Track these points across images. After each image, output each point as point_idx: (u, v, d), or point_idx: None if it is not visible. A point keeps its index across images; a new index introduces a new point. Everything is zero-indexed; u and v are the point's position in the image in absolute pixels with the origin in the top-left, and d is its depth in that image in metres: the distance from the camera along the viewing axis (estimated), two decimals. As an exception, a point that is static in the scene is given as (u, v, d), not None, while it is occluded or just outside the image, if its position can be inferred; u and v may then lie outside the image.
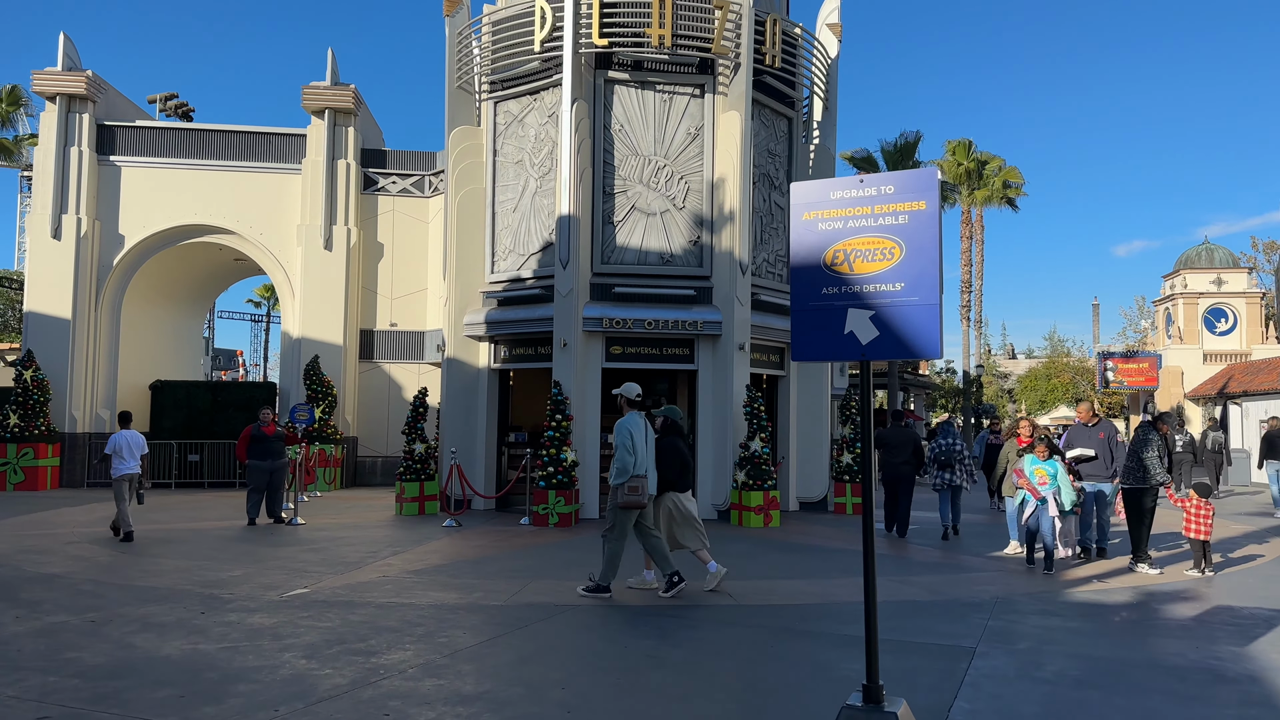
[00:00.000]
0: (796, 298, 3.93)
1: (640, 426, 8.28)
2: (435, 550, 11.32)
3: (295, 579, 9.22)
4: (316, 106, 22.55)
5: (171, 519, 14.95)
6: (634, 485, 8.06)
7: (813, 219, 3.96)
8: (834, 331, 3.85)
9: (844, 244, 3.87)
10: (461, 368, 16.23)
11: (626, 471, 8.07)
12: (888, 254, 3.79)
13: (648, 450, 8.28)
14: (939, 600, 8.41)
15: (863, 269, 3.84)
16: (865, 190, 3.86)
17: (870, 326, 3.78)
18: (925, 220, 3.74)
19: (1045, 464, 10.25)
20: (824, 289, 3.87)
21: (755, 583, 9.17)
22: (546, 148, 15.60)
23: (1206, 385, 44.16)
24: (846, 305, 3.81)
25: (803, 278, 3.93)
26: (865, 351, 3.82)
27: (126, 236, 22.37)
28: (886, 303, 3.78)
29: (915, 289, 3.73)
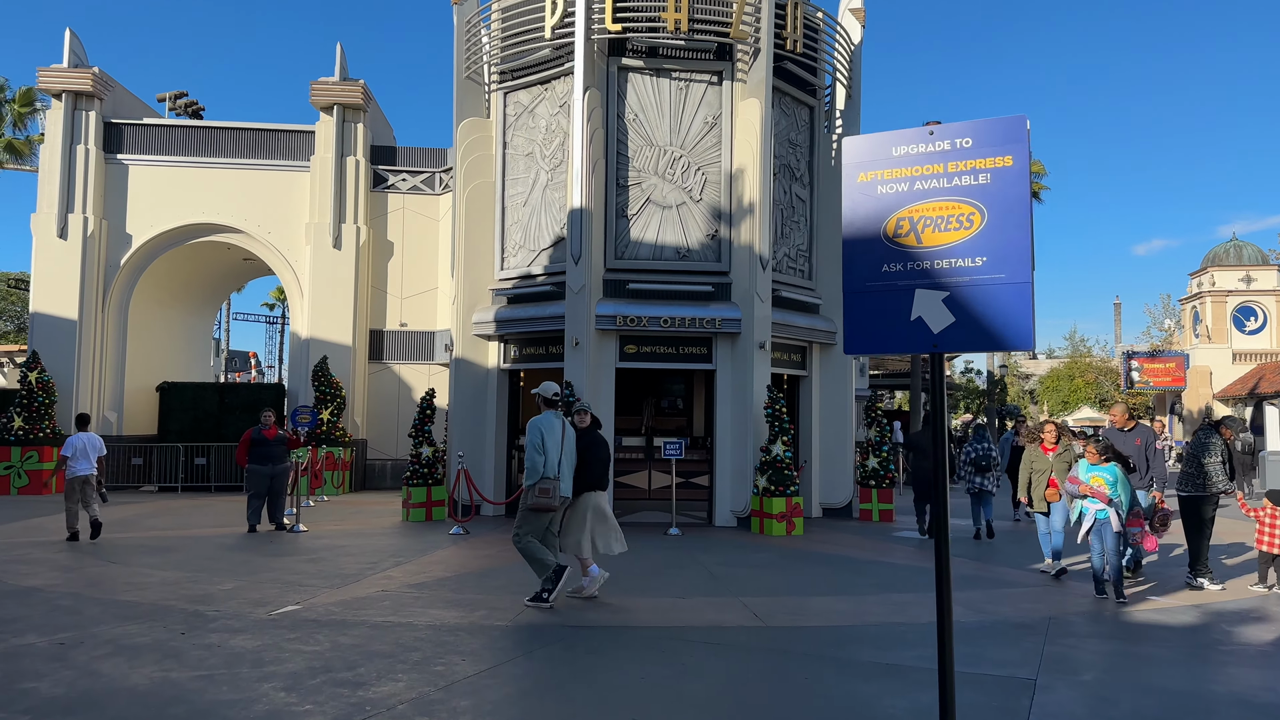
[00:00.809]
0: (851, 277, 3.26)
1: (554, 426, 7.99)
2: (440, 561, 10.69)
3: (288, 593, 8.61)
4: (325, 102, 22.03)
5: (172, 524, 14.42)
6: (544, 487, 7.83)
7: (869, 181, 3.28)
8: (897, 318, 3.18)
9: (910, 210, 3.20)
10: (470, 368, 15.61)
11: (536, 472, 7.82)
12: (965, 221, 3.12)
13: (564, 451, 7.99)
14: (985, 621, 7.69)
15: (934, 240, 3.16)
16: (936, 144, 3.19)
17: (944, 311, 3.11)
18: (1013, 179, 3.06)
19: (1102, 470, 8.78)
20: (885, 266, 3.20)
21: (782, 600, 8.48)
22: (558, 139, 14.96)
23: (1236, 385, 43.08)
24: (913, 285, 3.14)
25: (858, 253, 3.25)
26: (938, 342, 3.15)
27: (134, 236, 21.93)
28: (965, 281, 3.10)
29: (1001, 263, 3.06)
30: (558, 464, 7.90)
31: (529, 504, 7.90)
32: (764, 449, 13.75)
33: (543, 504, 7.85)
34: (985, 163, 3.11)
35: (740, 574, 9.89)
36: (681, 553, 11.55)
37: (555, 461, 7.87)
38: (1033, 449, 10.69)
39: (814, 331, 15.87)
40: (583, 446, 8.32)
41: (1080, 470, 8.99)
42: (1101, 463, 8.85)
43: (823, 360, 16.39)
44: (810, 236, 16.35)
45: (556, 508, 7.94)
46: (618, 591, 8.83)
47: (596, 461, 8.36)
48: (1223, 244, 47.11)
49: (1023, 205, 3.05)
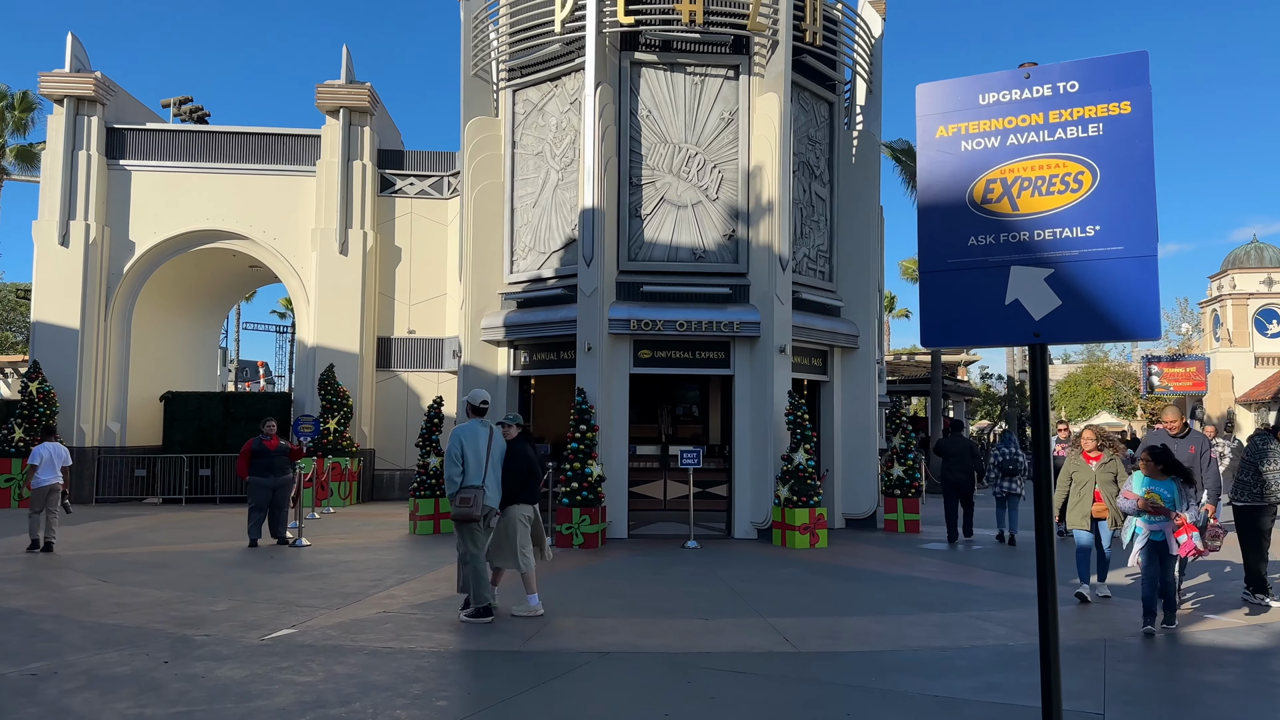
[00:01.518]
0: (929, 253, 2.70)
1: (476, 435, 7.84)
2: (446, 577, 10.10)
3: (284, 615, 8.07)
4: (331, 105, 21.61)
5: (171, 539, 13.94)
6: (465, 497, 7.67)
7: (951, 136, 2.72)
8: (987, 302, 2.62)
9: (1002, 170, 2.65)
10: (479, 374, 15.08)
11: (454, 483, 7.71)
12: (1073, 182, 2.57)
13: (490, 461, 7.82)
14: (1035, 644, 7.05)
15: (1034, 206, 2.61)
16: (1034, 89, 2.63)
17: (1046, 293, 2.55)
18: (1132, 130, 2.50)
19: (1159, 485, 7.62)
20: (971, 239, 2.65)
21: (813, 621, 7.89)
22: (568, 137, 14.45)
23: (1259, 389, 42.19)
24: (1008, 261, 2.59)
25: (937, 224, 2.69)
26: (1040, 330, 2.59)
27: (137, 243, 21.53)
28: (1073, 255, 2.54)
29: (1118, 233, 2.50)
30: (481, 474, 7.74)
31: (452, 514, 7.77)
32: (785, 457, 13.17)
33: (464, 514, 7.67)
34: (1096, 110, 2.55)
35: (765, 591, 9.31)
36: (701, 568, 10.97)
37: (477, 471, 7.73)
38: (1073, 458, 9.24)
39: (835, 335, 15.29)
40: (507, 459, 8.10)
41: (1135, 484, 7.86)
42: (1159, 476, 7.66)
43: (844, 365, 15.80)
44: (830, 236, 15.77)
45: (478, 518, 7.71)
46: (637, 611, 8.26)
47: (514, 474, 8.04)
48: (1243, 246, 46.25)
49: (1145, 162, 2.49)
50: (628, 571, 10.70)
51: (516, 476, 8.00)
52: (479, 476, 7.72)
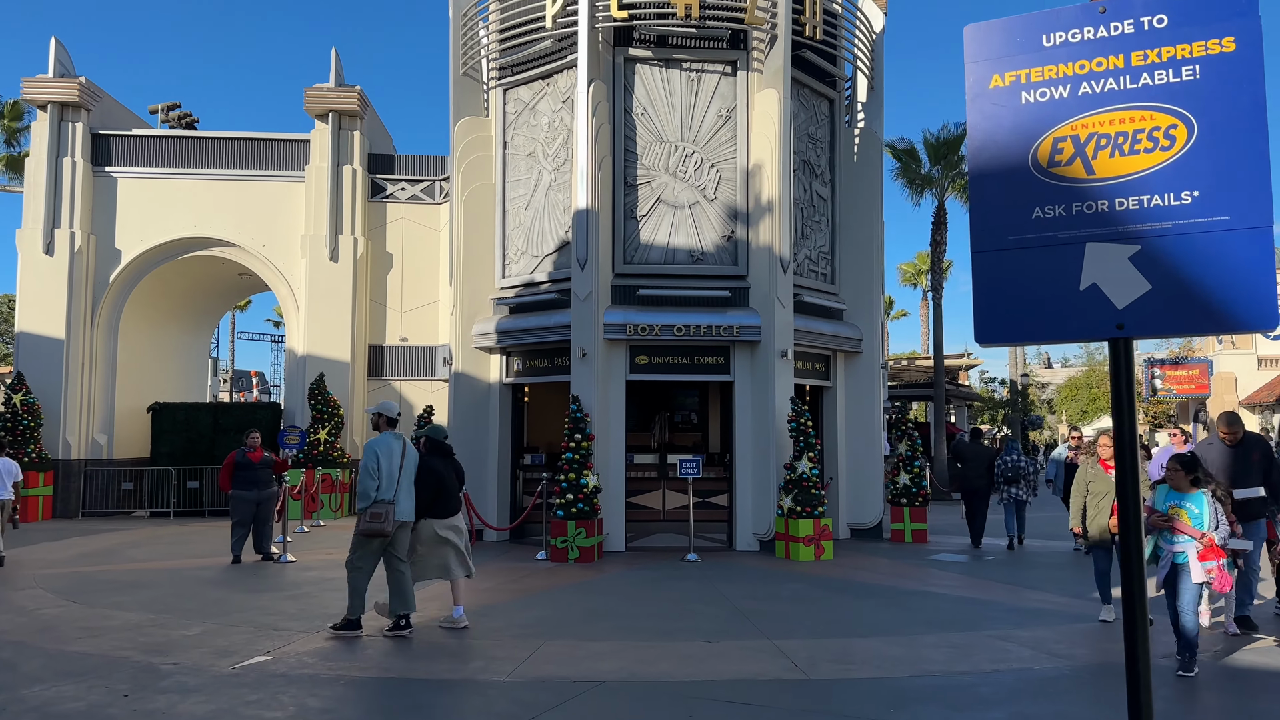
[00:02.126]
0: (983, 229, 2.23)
1: (391, 448, 7.75)
2: (434, 596, 9.61)
3: (259, 640, 7.58)
4: (320, 109, 21.16)
5: (153, 555, 13.45)
6: (376, 512, 7.54)
7: (1008, 86, 2.26)
8: (1057, 287, 2.16)
9: (1074, 125, 2.19)
10: (470, 383, 14.60)
11: (368, 496, 7.58)
12: (1163, 138, 2.11)
13: (403, 474, 7.74)
14: (1065, 668, 6.60)
15: (1114, 168, 2.15)
16: (1112, 26, 2.16)
17: (1133, 275, 2.09)
18: (1237, 71, 2.03)
19: (1188, 499, 6.61)
20: (1036, 210, 2.19)
21: (823, 643, 7.40)
22: (561, 136, 14.00)
23: (1263, 392, 41.78)
24: (1083, 237, 2.13)
25: (993, 193, 2.23)
26: (1125, 321, 2.12)
27: (123, 251, 21.07)
28: (1165, 228, 2.08)
29: (1223, 200, 2.04)
30: (395, 487, 7.64)
31: (360, 528, 7.66)
32: (788, 466, 12.69)
33: (374, 529, 7.55)
34: (1191, 49, 2.09)
35: (770, 610, 8.82)
36: (702, 583, 10.48)
37: (391, 485, 7.62)
38: (1089, 466, 8.29)
39: (838, 339, 14.82)
40: (420, 471, 8.02)
41: (1157, 498, 6.84)
42: (1186, 489, 6.64)
43: (848, 370, 15.33)
44: (833, 237, 15.32)
45: (389, 533, 7.58)
46: (635, 633, 7.77)
47: (424, 487, 7.98)
48: (1246, 246, 45.90)
49: (1254, 110, 2.02)
50: (625, 588, 10.21)
51: (427, 490, 7.95)
52: (391, 490, 7.62)
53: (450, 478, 8.25)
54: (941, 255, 26.34)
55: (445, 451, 8.43)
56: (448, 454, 8.45)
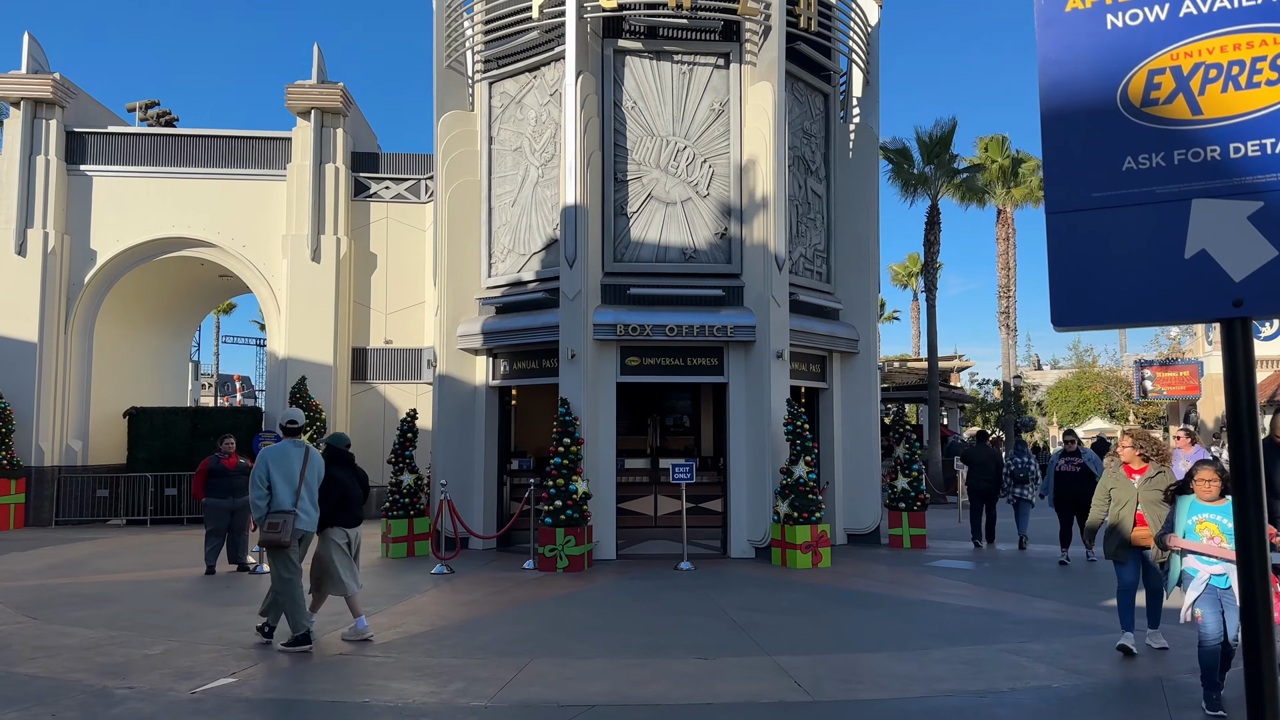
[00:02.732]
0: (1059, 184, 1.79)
1: (288, 457, 7.65)
2: (416, 610, 9.17)
3: (225, 660, 7.09)
4: (302, 107, 20.67)
5: (124, 566, 12.93)
6: (273, 522, 7.45)
7: (1090, 8, 1.83)
8: (1156, 254, 1.73)
9: (1175, 53, 1.76)
10: (455, 385, 14.12)
11: (259, 508, 7.52)
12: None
13: (305, 484, 7.64)
14: (1085, 685, 6.17)
15: (1228, 106, 1.72)
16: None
17: (1254, 238, 1.66)
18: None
19: (1216, 510, 5.75)
20: (1126, 160, 1.76)
21: (827, 659, 6.96)
22: (549, 131, 13.55)
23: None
24: (1188, 192, 1.71)
25: (1071, 139, 1.80)
26: (1243, 296, 1.69)
27: (99, 252, 20.51)
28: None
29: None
30: (293, 498, 7.52)
31: (259, 540, 7.62)
32: (784, 470, 12.26)
33: (272, 539, 7.43)
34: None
35: (769, 622, 8.38)
36: (697, 594, 10.03)
37: (288, 495, 7.51)
38: (1113, 470, 7.46)
39: (834, 339, 14.41)
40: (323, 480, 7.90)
41: (1179, 511, 5.93)
42: (1217, 499, 5.77)
43: (844, 371, 14.93)
44: (828, 235, 14.91)
45: (287, 543, 7.44)
46: (626, 650, 7.32)
47: (326, 497, 7.86)
48: (1236, 247, 45.85)
49: None
50: (616, 599, 9.76)
51: (330, 500, 7.83)
52: (289, 500, 7.50)
53: (354, 487, 8.14)
54: (935, 256, 26.01)
55: (347, 460, 8.30)
56: (350, 462, 8.32)
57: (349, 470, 8.17)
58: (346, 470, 8.13)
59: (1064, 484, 12.38)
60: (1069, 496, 12.23)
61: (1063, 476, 12.43)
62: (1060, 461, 12.61)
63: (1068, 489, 12.25)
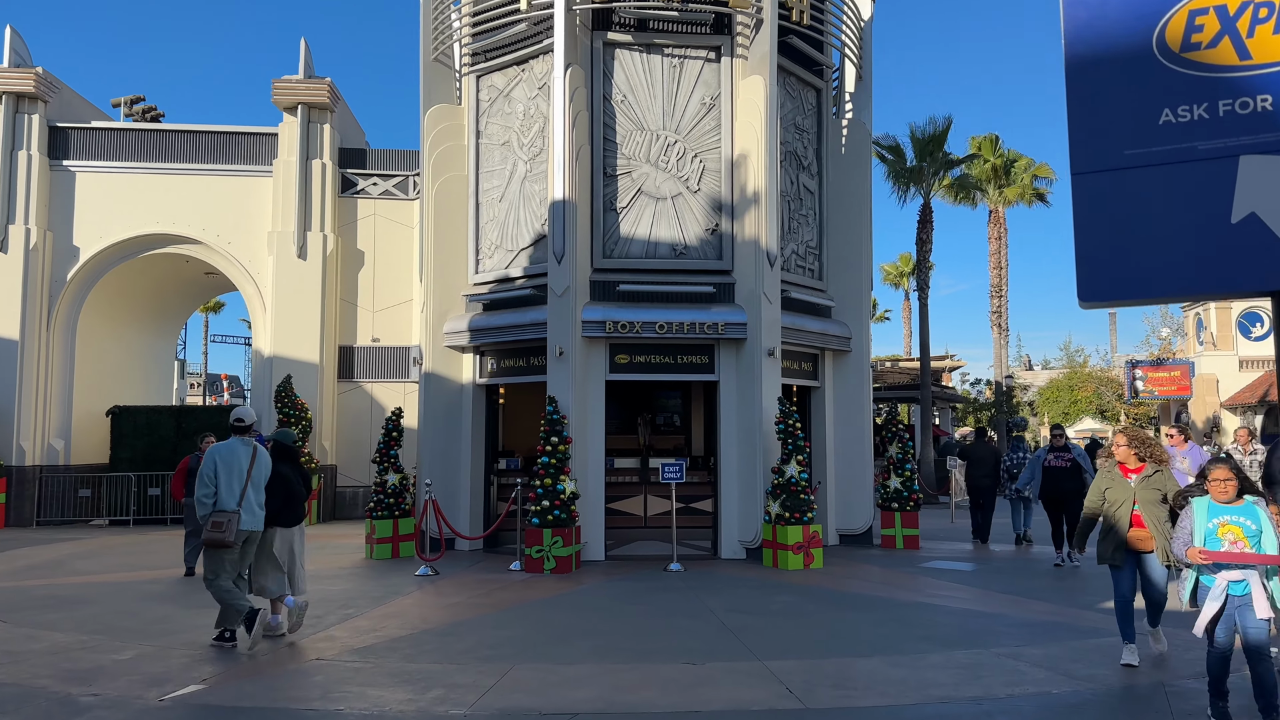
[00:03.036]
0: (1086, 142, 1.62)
1: (235, 455, 7.55)
2: (398, 613, 8.93)
3: (197, 665, 6.86)
4: (289, 101, 20.40)
5: (104, 567, 12.67)
6: (217, 521, 7.35)
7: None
8: (1199, 217, 1.49)
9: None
10: (442, 384, 13.87)
11: (205, 505, 7.39)
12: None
13: (251, 483, 7.53)
14: (1085, 691, 5.98)
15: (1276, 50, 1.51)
16: None
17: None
18: None
19: (1235, 512, 5.27)
20: (1164, 112, 1.70)
21: (819, 664, 6.75)
22: (537, 125, 13.32)
23: (1244, 393, 41.68)
24: (1235, 148, 1.53)
25: (1101, 91, 1.65)
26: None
27: (81, 248, 20.22)
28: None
29: None
30: (237, 496, 7.42)
31: (202, 538, 7.47)
32: (776, 470, 12.06)
33: (215, 539, 7.33)
34: None
35: (760, 625, 8.17)
36: (686, 595, 9.82)
37: (234, 493, 7.41)
38: (1108, 470, 6.97)
39: (826, 337, 14.22)
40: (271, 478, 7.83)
41: (1197, 516, 5.38)
42: (1234, 499, 5.31)
43: (836, 369, 14.73)
44: (820, 232, 14.72)
45: (231, 543, 7.35)
46: (613, 654, 7.10)
47: (273, 495, 7.81)
48: (1227, 248, 45.91)
49: None
50: (604, 602, 9.54)
51: (276, 497, 7.77)
52: (234, 499, 7.40)
53: (298, 485, 8.10)
54: (927, 254, 25.87)
55: (294, 456, 8.25)
56: (296, 459, 8.27)
57: (295, 468, 8.13)
58: (293, 467, 8.09)
59: (1052, 480, 12.14)
60: (1056, 493, 12.06)
61: (1051, 472, 12.16)
62: (1049, 456, 12.26)
63: (1056, 485, 12.05)
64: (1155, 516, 6.54)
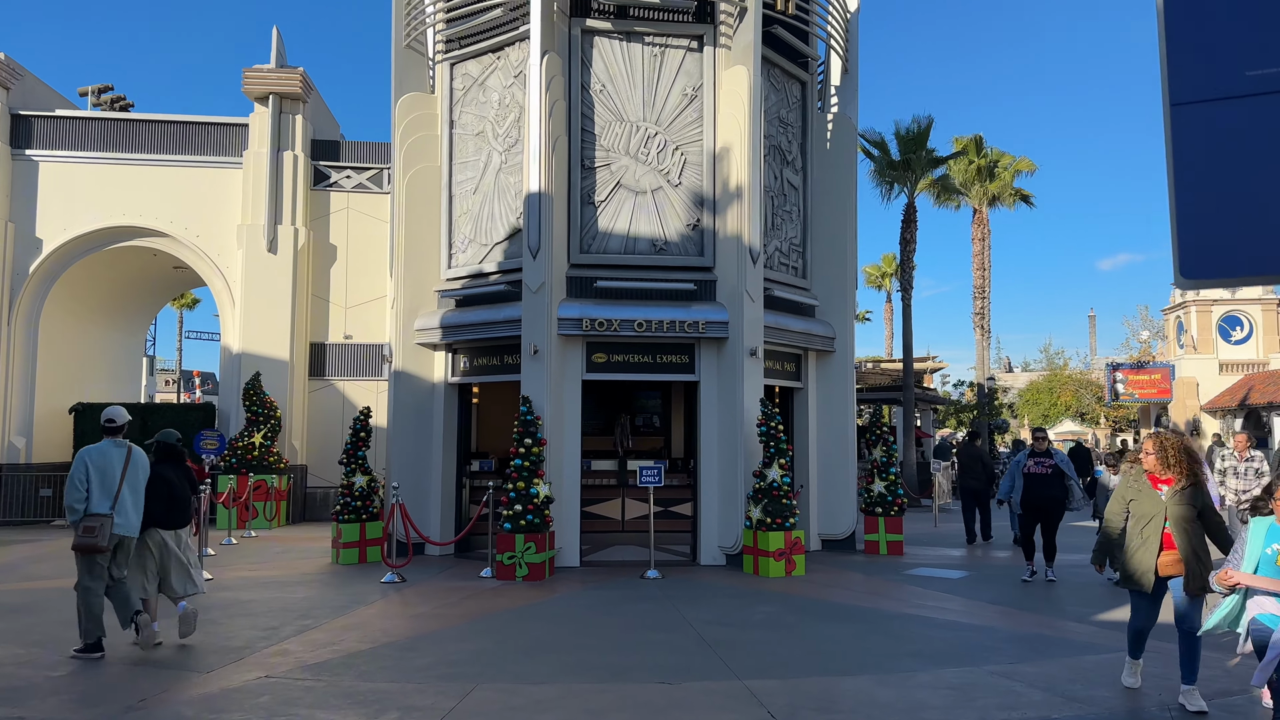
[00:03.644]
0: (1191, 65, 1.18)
1: (107, 457, 7.33)
2: (358, 624, 8.46)
3: (134, 683, 6.37)
4: (260, 92, 19.85)
5: (57, 572, 12.04)
6: (88, 525, 7.12)
7: None
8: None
9: None
10: (412, 382, 13.39)
11: (74, 510, 7.16)
12: None
13: (125, 485, 7.31)
14: (1086, 715, 5.59)
15: None
16: None
17: None
18: None
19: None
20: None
21: (802, 683, 6.34)
22: (513, 114, 12.87)
23: (1224, 396, 41.77)
24: None
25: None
26: None
27: (44, 240, 19.60)
28: None
29: None
30: (111, 500, 7.20)
31: (73, 543, 7.22)
32: (758, 474, 11.66)
33: (86, 544, 7.08)
34: None
35: (740, 639, 7.76)
36: (663, 605, 9.40)
37: (105, 497, 7.19)
38: (1132, 480, 6.06)
39: (810, 337, 13.85)
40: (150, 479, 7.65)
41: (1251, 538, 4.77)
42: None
43: (820, 370, 14.37)
44: (804, 229, 14.34)
45: (104, 548, 7.10)
46: (584, 672, 6.67)
47: (152, 498, 7.61)
48: (1208, 252, 46.06)
49: None
50: (577, 612, 9.10)
51: (158, 500, 7.59)
52: (107, 503, 7.16)
53: (181, 487, 7.87)
54: (911, 253, 25.57)
55: (178, 457, 8.03)
56: (180, 460, 8.03)
57: (179, 469, 7.90)
58: (177, 469, 7.86)
59: (1033, 488, 10.95)
60: (1038, 502, 10.93)
61: (1032, 480, 10.97)
62: (1029, 462, 11.07)
63: (1037, 494, 10.91)
64: (1189, 537, 5.64)
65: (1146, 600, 5.86)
